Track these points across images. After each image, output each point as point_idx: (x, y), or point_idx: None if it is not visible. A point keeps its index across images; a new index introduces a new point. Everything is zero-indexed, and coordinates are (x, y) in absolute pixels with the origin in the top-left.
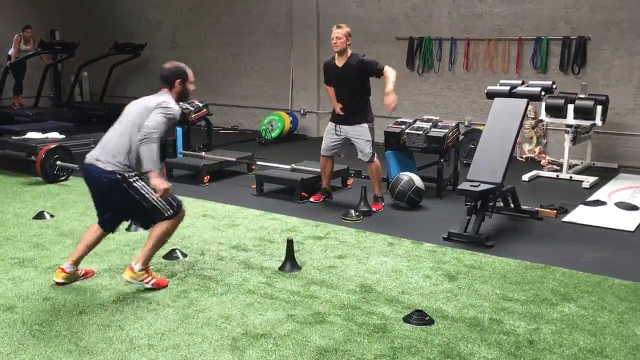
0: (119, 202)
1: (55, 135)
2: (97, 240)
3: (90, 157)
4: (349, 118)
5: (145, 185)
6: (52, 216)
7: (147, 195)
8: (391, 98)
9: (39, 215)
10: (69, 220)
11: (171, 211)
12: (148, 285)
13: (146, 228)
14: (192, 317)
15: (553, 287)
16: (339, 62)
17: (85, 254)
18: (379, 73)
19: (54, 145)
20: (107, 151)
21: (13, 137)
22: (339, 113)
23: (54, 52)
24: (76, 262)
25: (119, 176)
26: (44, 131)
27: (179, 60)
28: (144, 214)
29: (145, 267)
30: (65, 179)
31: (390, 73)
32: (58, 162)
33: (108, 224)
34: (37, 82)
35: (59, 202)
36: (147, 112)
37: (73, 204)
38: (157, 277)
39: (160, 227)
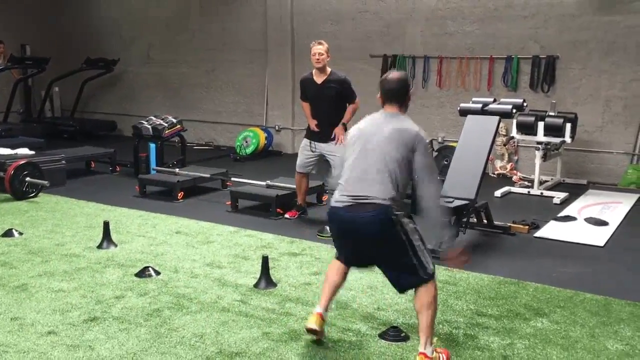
0: (382, 249)
1: (24, 151)
2: (344, 278)
3: (346, 199)
4: (324, 135)
5: (418, 230)
6: (20, 234)
7: (416, 244)
8: (340, 130)
9: (7, 233)
10: (38, 238)
11: (431, 267)
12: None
13: (401, 291)
14: (165, 336)
15: (526, 302)
16: (318, 79)
17: (333, 296)
18: (352, 101)
19: (24, 162)
20: (372, 188)
21: None
22: (314, 129)
23: (25, 67)
24: (327, 308)
25: (393, 217)
26: (13, 147)
27: (153, 75)
28: (404, 267)
29: (433, 346)
30: (35, 196)
31: (354, 106)
32: (27, 179)
33: (353, 263)
34: (6, 97)
35: (28, 219)
36: (402, 145)
37: (42, 221)
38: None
39: (426, 294)
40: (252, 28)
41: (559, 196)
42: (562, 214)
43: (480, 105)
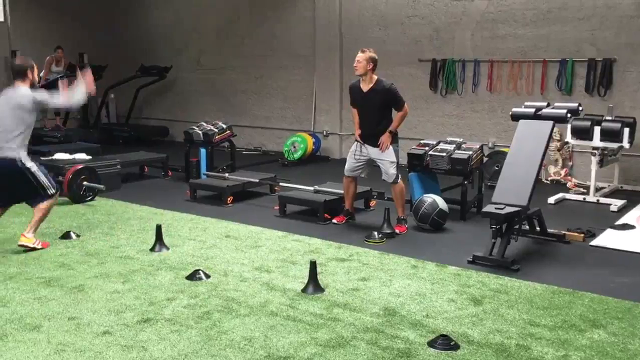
0: (15, 182)
1: (82, 156)
2: None
3: None
4: (374, 139)
5: (36, 167)
6: (78, 236)
7: (37, 175)
8: (386, 138)
9: (65, 235)
10: (95, 241)
11: (53, 190)
12: (38, 247)
13: (32, 205)
14: (215, 338)
15: (582, 312)
16: (364, 87)
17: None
18: (399, 108)
19: (81, 166)
20: (2, 140)
21: (41, 158)
22: (357, 140)
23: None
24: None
25: (17, 159)
26: (71, 152)
27: (203, 81)
28: (34, 191)
29: (34, 234)
30: (92, 199)
31: (402, 113)
32: (85, 183)
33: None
34: None
35: (85, 222)
36: (21, 108)
37: (99, 224)
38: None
39: (45, 205)
40: (300, 33)
41: (616, 203)
42: (619, 222)
43: (533, 110)
